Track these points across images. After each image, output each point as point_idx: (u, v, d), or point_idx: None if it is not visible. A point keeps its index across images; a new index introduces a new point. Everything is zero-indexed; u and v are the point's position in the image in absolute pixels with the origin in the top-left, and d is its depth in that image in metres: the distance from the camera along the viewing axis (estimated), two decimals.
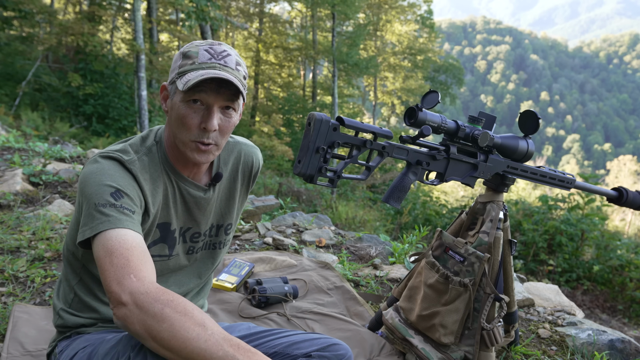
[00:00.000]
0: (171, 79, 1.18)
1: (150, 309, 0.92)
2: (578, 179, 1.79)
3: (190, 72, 1.14)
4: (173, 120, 1.19)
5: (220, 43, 1.20)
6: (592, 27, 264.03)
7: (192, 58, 1.16)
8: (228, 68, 1.16)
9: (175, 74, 1.16)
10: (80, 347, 1.20)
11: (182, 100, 1.16)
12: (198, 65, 1.14)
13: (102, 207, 1.06)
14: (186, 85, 1.11)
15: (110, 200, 1.07)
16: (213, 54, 1.16)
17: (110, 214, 1.05)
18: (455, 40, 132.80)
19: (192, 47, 1.18)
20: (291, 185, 9.50)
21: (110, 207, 1.06)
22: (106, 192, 1.08)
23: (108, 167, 1.13)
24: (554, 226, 6.75)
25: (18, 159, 4.15)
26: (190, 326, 0.91)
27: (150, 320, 0.91)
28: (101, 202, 1.06)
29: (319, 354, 1.25)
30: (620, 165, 60.53)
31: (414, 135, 1.44)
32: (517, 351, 1.96)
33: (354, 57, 19.65)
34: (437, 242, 1.78)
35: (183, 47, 1.19)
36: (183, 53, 1.17)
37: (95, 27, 14.98)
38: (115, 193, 1.08)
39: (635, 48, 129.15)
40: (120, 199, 1.08)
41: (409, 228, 7.95)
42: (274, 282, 2.21)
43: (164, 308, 0.92)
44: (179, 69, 1.16)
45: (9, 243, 2.55)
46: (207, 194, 1.33)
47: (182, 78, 1.14)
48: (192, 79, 1.12)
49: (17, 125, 9.38)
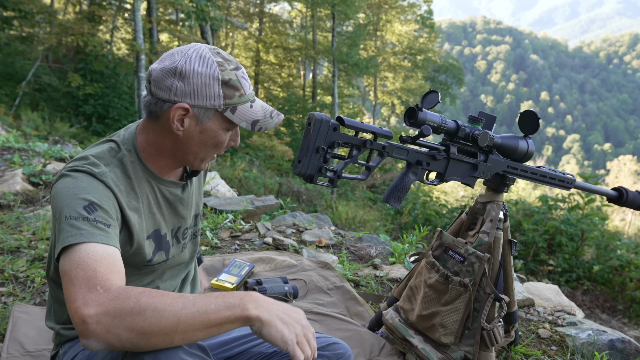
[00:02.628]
0: (208, 105, 1.12)
1: (126, 307, 0.86)
2: (578, 179, 1.79)
3: (243, 106, 1.16)
4: (200, 143, 1.17)
5: (228, 53, 1.20)
6: (592, 27, 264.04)
7: (237, 89, 1.14)
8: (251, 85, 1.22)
9: (222, 104, 1.13)
10: (81, 348, 1.20)
11: (223, 128, 1.17)
12: (247, 97, 1.17)
13: (74, 220, 0.99)
14: (262, 130, 1.19)
15: (83, 213, 1.00)
16: (247, 79, 1.18)
17: (82, 227, 0.98)
18: (455, 40, 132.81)
19: (227, 72, 1.13)
20: (291, 185, 9.50)
21: (83, 221, 0.99)
22: (79, 205, 1.02)
23: (80, 180, 1.07)
24: (554, 226, 6.75)
25: (18, 159, 4.15)
26: (172, 300, 0.88)
27: (130, 319, 0.86)
28: (73, 215, 1.00)
29: (318, 352, 1.26)
30: (620, 165, 60.53)
31: (414, 135, 1.44)
32: (517, 351, 1.96)
33: (354, 57, 19.65)
34: (437, 242, 1.78)
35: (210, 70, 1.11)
36: (223, 81, 1.12)
37: (95, 27, 14.98)
38: (89, 206, 1.02)
39: (635, 48, 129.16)
40: (94, 212, 1.02)
41: (409, 228, 7.95)
42: (274, 282, 2.21)
43: (139, 298, 0.87)
44: (224, 99, 1.12)
45: (9, 243, 2.55)
46: (185, 189, 1.33)
47: (237, 113, 1.15)
48: (264, 124, 1.19)
49: (17, 125, 9.38)
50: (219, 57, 1.14)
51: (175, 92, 1.11)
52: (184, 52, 1.13)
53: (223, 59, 1.14)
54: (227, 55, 1.17)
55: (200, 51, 1.13)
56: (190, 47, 1.15)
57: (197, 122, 1.14)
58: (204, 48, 1.15)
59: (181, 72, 1.10)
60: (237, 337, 1.34)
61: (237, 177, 9.36)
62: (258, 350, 1.30)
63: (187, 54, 1.12)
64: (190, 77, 1.10)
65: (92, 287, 0.88)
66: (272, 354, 1.28)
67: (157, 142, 1.19)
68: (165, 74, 1.11)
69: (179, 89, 1.10)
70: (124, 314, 0.86)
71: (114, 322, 0.85)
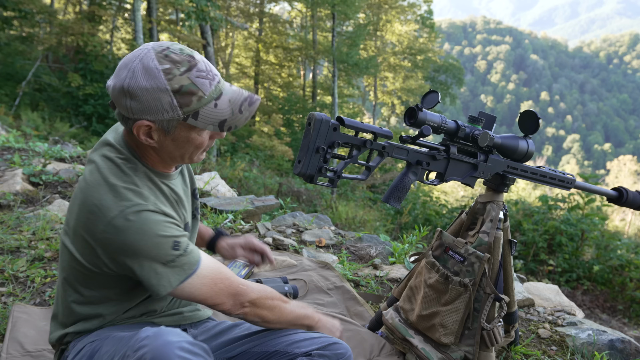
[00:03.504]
0: (167, 118, 1.08)
1: (266, 305, 1.26)
2: (578, 179, 1.79)
3: (205, 107, 1.09)
4: (178, 149, 1.16)
5: (179, 49, 1.09)
6: (592, 27, 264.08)
7: (194, 93, 1.07)
8: (220, 79, 1.14)
9: (180, 114, 1.08)
10: (90, 340, 1.21)
11: (195, 132, 1.14)
12: (207, 98, 1.09)
13: (172, 262, 1.12)
14: (232, 129, 1.16)
15: (174, 253, 1.12)
16: (205, 76, 1.09)
17: (183, 262, 1.13)
18: (455, 40, 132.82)
19: (176, 79, 1.05)
20: (291, 185, 9.50)
21: (180, 257, 1.13)
22: (166, 246, 1.11)
23: (149, 223, 1.10)
24: (554, 226, 6.75)
25: (18, 159, 4.15)
26: (284, 305, 1.32)
27: (265, 312, 1.27)
28: (168, 259, 1.11)
29: (319, 352, 1.26)
30: (620, 165, 60.54)
31: (414, 135, 1.44)
32: (517, 351, 1.96)
33: (354, 57, 19.65)
34: (437, 242, 1.78)
35: (156, 84, 1.05)
36: (174, 90, 1.05)
37: (95, 27, 14.99)
38: (175, 245, 1.12)
39: (635, 48, 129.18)
40: (179, 247, 1.13)
41: (409, 228, 7.95)
42: (274, 282, 2.20)
43: (273, 301, 1.28)
44: (181, 108, 1.07)
45: (9, 243, 2.55)
46: (183, 174, 1.35)
47: (200, 118, 1.10)
48: (233, 122, 1.15)
49: (17, 125, 9.38)
50: (167, 62, 1.05)
51: (131, 110, 1.08)
52: (129, 66, 1.06)
53: (171, 63, 1.06)
54: (178, 55, 1.08)
55: (145, 61, 1.05)
56: (137, 56, 1.07)
57: (165, 134, 1.12)
58: (149, 55, 1.06)
59: (128, 91, 1.05)
60: (238, 337, 1.35)
61: (237, 177, 9.36)
62: (259, 350, 1.30)
63: (132, 67, 1.06)
64: (139, 94, 1.05)
65: (236, 297, 1.22)
66: (272, 353, 1.29)
67: (142, 150, 1.19)
68: (117, 93, 1.07)
69: (134, 108, 1.07)
70: (262, 308, 1.27)
71: (255, 310, 1.25)
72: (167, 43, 1.11)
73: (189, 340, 1.01)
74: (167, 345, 0.97)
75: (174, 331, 1.02)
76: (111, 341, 1.14)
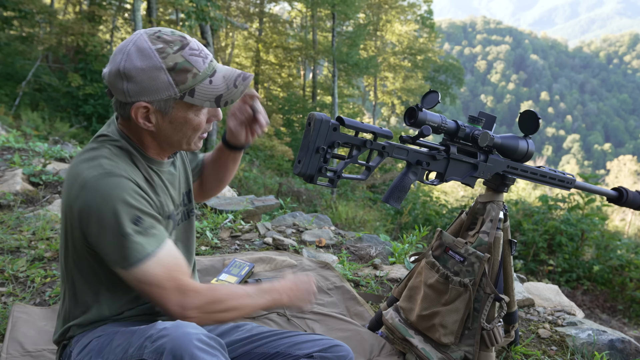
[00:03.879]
0: (164, 97, 1.10)
1: (216, 310, 1.16)
2: (578, 179, 1.79)
3: (201, 85, 1.11)
4: (176, 131, 1.17)
5: (170, 31, 1.12)
6: (592, 27, 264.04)
7: (188, 70, 1.09)
8: (212, 58, 1.15)
9: (176, 92, 1.09)
10: (96, 335, 1.20)
11: (193, 111, 1.14)
12: (202, 74, 1.11)
13: (128, 237, 1.07)
14: (228, 103, 1.15)
15: (135, 228, 1.08)
16: (198, 54, 1.11)
17: (139, 241, 1.08)
18: (455, 40, 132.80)
19: (170, 57, 1.07)
20: (291, 185, 9.50)
21: (137, 235, 1.08)
22: (126, 219, 1.08)
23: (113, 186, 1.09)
24: (554, 226, 6.74)
25: (18, 159, 4.15)
26: (245, 300, 1.20)
27: (218, 316, 1.17)
28: (124, 232, 1.07)
29: (320, 354, 1.26)
30: (620, 165, 60.52)
31: (414, 135, 1.44)
32: (517, 351, 1.96)
33: (354, 57, 19.64)
34: (437, 242, 1.78)
35: (150, 63, 1.07)
36: (169, 68, 1.07)
37: (95, 27, 14.99)
38: (136, 219, 1.09)
39: (635, 48, 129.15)
40: (141, 223, 1.09)
41: (409, 228, 7.94)
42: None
43: (228, 302, 1.17)
44: (177, 85, 1.09)
45: (9, 243, 2.55)
46: (175, 165, 1.34)
47: (197, 95, 1.11)
48: (229, 96, 1.14)
49: (17, 125, 9.39)
50: (159, 43, 1.08)
51: (128, 93, 1.09)
52: (124, 49, 1.09)
53: (164, 43, 1.08)
54: (170, 36, 1.10)
55: (139, 43, 1.08)
56: (130, 40, 1.10)
57: (162, 115, 1.13)
58: (142, 37, 1.09)
59: (124, 73, 1.07)
60: (240, 339, 1.35)
61: (237, 177, 9.37)
62: (260, 352, 1.31)
63: (126, 50, 1.08)
64: (135, 75, 1.07)
65: (181, 296, 1.12)
66: (274, 354, 1.29)
67: (138, 137, 1.20)
68: (113, 78, 1.09)
69: (131, 90, 1.08)
70: (213, 314, 1.16)
71: (205, 317, 1.14)
72: (159, 27, 1.13)
73: (206, 334, 1.04)
74: (186, 335, 0.99)
75: (191, 324, 1.04)
76: (123, 335, 1.14)
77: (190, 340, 0.99)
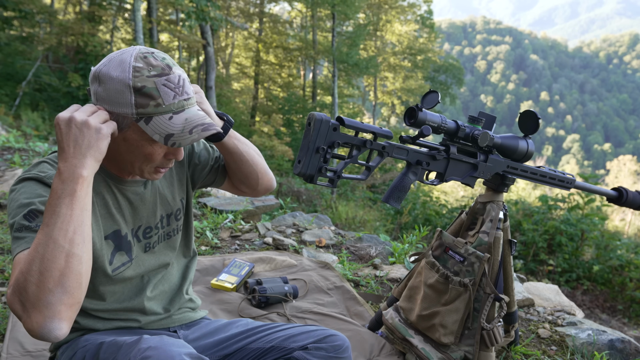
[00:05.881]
0: (122, 113, 1.07)
1: (20, 279, 0.94)
2: (578, 179, 1.79)
3: (160, 117, 1.07)
4: (128, 152, 1.14)
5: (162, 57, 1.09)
6: (592, 27, 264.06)
7: (153, 98, 1.05)
8: (190, 99, 1.12)
9: (134, 114, 1.06)
10: (80, 346, 1.21)
11: (145, 139, 1.11)
12: (166, 107, 1.07)
13: (18, 231, 1.04)
14: (175, 145, 1.08)
15: (25, 223, 1.04)
16: (173, 87, 1.08)
17: (24, 236, 1.03)
18: (455, 40, 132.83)
19: (142, 79, 1.05)
20: (291, 185, 9.50)
21: (26, 230, 1.03)
22: (19, 213, 1.05)
23: (26, 188, 1.10)
24: (554, 226, 6.75)
25: (18, 159, 4.15)
26: (43, 248, 0.95)
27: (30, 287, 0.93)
28: (16, 226, 1.04)
29: (315, 345, 1.26)
30: (620, 165, 60.52)
31: (414, 135, 1.44)
32: (517, 351, 1.96)
33: (354, 57, 19.64)
34: (437, 242, 1.78)
35: (122, 76, 1.05)
36: (135, 88, 1.05)
37: (95, 27, 14.98)
38: (29, 214, 1.05)
39: (635, 48, 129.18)
40: (35, 220, 1.05)
41: (409, 228, 7.94)
42: (274, 282, 2.21)
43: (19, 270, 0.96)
44: (137, 108, 1.06)
45: (9, 243, 2.55)
46: (146, 186, 1.31)
47: (151, 124, 1.07)
48: (179, 139, 1.08)
49: (17, 125, 9.39)
50: (141, 62, 1.06)
51: (96, 96, 1.09)
52: (113, 56, 1.09)
53: (146, 64, 1.06)
54: (157, 60, 1.08)
55: (125, 55, 1.07)
56: (124, 50, 1.10)
57: (119, 130, 1.11)
58: (132, 52, 1.08)
59: (99, 76, 1.07)
60: (234, 334, 1.34)
61: None
62: (255, 347, 1.30)
63: (113, 57, 1.08)
64: (106, 81, 1.06)
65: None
66: (269, 349, 1.28)
67: None
68: (92, 77, 1.10)
69: (99, 94, 1.08)
70: (25, 287, 0.93)
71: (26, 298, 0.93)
72: (157, 50, 1.11)
73: (193, 353, 1.03)
74: (171, 355, 0.99)
75: (176, 342, 1.03)
76: (110, 348, 1.13)
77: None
